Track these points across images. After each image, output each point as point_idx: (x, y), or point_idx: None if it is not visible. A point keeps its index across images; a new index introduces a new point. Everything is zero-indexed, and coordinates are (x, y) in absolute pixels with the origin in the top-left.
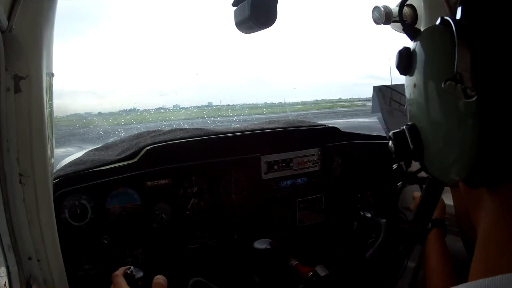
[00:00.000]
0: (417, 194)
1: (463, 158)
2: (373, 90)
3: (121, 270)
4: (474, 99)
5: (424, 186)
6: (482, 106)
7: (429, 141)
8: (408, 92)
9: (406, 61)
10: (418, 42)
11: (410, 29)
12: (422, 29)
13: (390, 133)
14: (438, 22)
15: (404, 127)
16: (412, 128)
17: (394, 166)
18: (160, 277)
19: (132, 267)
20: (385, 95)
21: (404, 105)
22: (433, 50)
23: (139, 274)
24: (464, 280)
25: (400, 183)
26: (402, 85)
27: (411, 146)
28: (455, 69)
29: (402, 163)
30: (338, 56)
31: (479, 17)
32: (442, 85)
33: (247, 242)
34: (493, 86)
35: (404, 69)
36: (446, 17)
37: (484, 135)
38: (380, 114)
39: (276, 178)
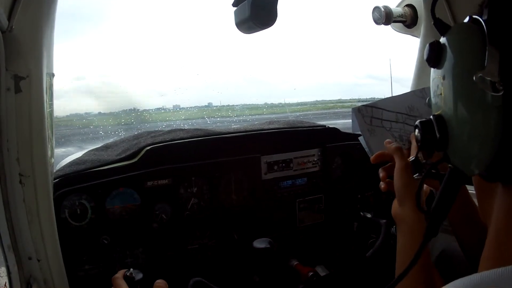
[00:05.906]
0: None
1: (484, 151)
2: (352, 112)
3: (121, 273)
4: (501, 93)
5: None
6: (508, 101)
7: (454, 131)
8: (435, 84)
9: (436, 54)
10: (451, 37)
11: (440, 24)
12: (422, 28)
13: (417, 122)
14: (466, 20)
15: (431, 117)
16: (439, 118)
17: (411, 158)
18: (161, 281)
19: (131, 269)
20: (365, 115)
21: (386, 120)
22: (465, 46)
23: (139, 276)
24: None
25: (417, 174)
26: (384, 99)
27: (438, 135)
28: (485, 64)
29: (419, 155)
30: (338, 57)
31: (506, 19)
32: (474, 78)
33: (247, 242)
34: None
35: (434, 61)
36: (476, 16)
37: (507, 130)
38: (361, 136)
39: (276, 178)
